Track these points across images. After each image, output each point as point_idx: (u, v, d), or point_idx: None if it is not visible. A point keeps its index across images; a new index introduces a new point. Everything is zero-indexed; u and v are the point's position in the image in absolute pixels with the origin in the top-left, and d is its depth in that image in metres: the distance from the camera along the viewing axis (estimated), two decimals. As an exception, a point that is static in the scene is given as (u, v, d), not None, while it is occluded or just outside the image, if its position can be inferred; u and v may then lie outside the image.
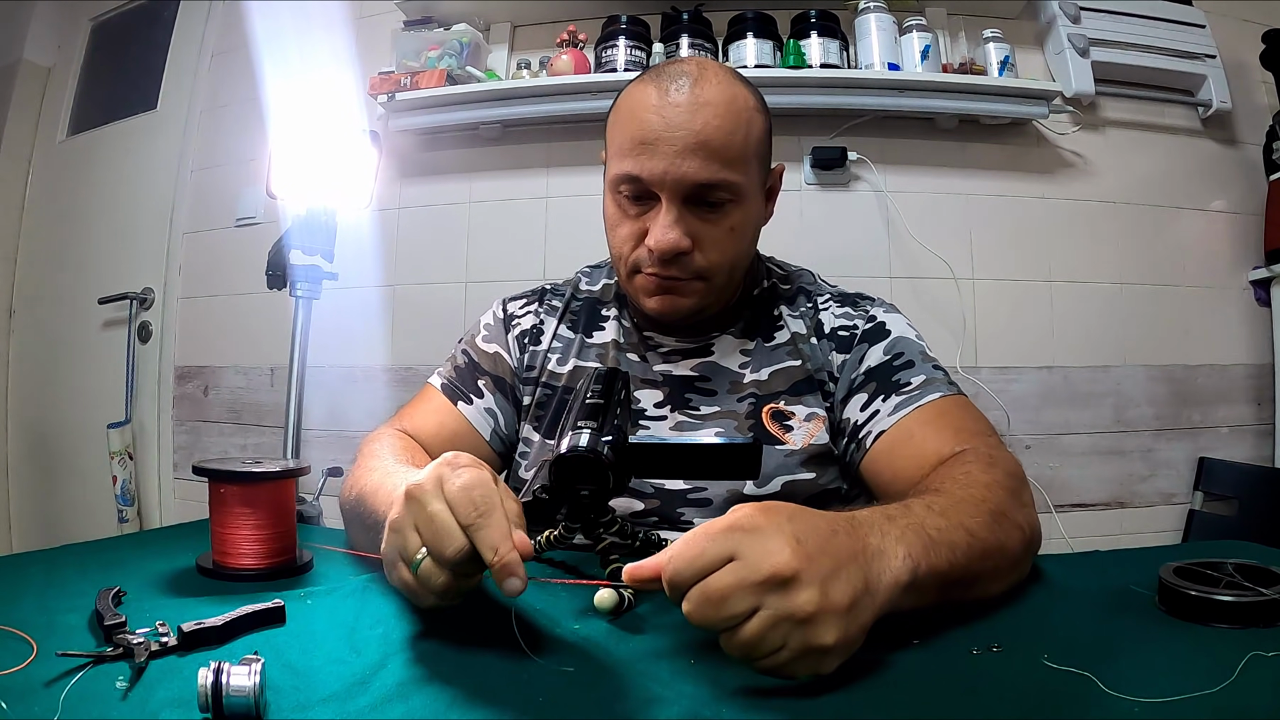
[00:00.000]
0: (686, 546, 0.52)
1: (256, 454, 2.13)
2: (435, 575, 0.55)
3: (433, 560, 0.55)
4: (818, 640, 0.50)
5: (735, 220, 0.91)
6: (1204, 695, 0.48)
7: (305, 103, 2.00)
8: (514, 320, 1.09)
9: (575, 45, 1.93)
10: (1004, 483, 0.74)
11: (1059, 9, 1.91)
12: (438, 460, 0.59)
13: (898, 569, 0.57)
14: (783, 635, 0.50)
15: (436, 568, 0.55)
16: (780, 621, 0.50)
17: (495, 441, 1.04)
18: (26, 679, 0.50)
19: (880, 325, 0.99)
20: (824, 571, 0.51)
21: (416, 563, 0.55)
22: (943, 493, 0.70)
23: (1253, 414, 1.97)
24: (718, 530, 0.52)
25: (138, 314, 2.32)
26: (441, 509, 0.55)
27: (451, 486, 0.56)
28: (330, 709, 0.48)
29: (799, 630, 0.50)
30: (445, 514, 0.55)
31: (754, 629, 0.50)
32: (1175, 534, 1.92)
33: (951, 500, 0.68)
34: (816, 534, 0.53)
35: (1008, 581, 0.70)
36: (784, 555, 0.50)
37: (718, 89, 0.89)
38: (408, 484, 0.58)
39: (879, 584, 0.55)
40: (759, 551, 0.50)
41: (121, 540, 1.08)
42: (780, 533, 0.52)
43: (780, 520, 0.53)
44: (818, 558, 0.51)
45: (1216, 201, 2.01)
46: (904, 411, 0.90)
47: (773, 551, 0.50)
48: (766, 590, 0.50)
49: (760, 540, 0.51)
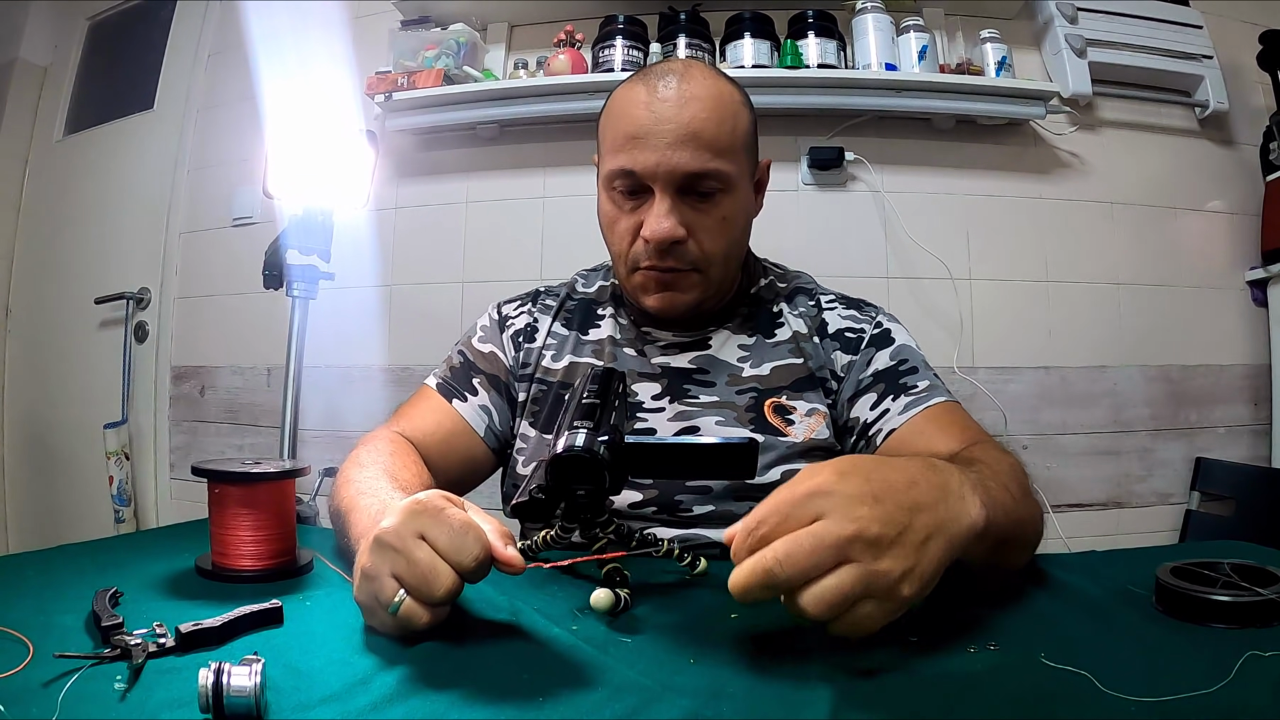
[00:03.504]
0: (772, 509, 0.54)
1: (253, 454, 2.12)
2: (419, 615, 0.56)
3: (416, 602, 0.56)
4: (899, 593, 0.52)
5: (727, 210, 0.94)
6: (1201, 695, 0.48)
7: (302, 102, 2.00)
8: (508, 321, 1.11)
9: (572, 45, 1.93)
10: (1020, 470, 0.79)
11: (1056, 9, 1.91)
12: (404, 506, 0.58)
13: (975, 515, 0.59)
14: (864, 590, 0.52)
15: (420, 608, 0.56)
16: (863, 578, 0.51)
17: (490, 438, 1.05)
18: (24, 680, 0.50)
19: (886, 332, 1.03)
20: (905, 527, 0.53)
21: (395, 605, 0.56)
22: (980, 462, 0.74)
23: (1249, 414, 1.97)
24: (801, 494, 0.54)
25: (134, 314, 2.32)
26: (425, 555, 0.56)
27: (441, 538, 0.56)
28: (330, 709, 0.48)
29: (882, 584, 0.52)
30: (430, 558, 0.55)
31: (837, 586, 0.51)
32: (1172, 534, 1.92)
33: (990, 470, 0.71)
34: (894, 490, 0.55)
35: (1027, 555, 0.75)
36: (864, 513, 0.52)
37: (704, 84, 0.93)
38: (378, 530, 0.58)
39: (958, 528, 0.57)
40: (842, 512, 0.52)
41: (119, 541, 1.08)
42: (859, 492, 0.54)
43: (859, 481, 0.55)
44: (897, 514, 0.53)
45: (1213, 202, 2.02)
46: (914, 411, 0.94)
47: (854, 513, 0.52)
48: (849, 550, 0.51)
49: (841, 501, 0.53)
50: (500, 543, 0.57)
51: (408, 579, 0.56)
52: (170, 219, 2.32)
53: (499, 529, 0.58)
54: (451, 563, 0.55)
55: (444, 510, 0.57)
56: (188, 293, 2.29)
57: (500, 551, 0.57)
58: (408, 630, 0.57)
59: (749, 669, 0.54)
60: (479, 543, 0.56)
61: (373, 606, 0.58)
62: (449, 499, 0.60)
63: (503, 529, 0.59)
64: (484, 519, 0.59)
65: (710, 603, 0.70)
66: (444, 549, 0.56)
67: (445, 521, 0.57)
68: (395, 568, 0.56)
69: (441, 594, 0.55)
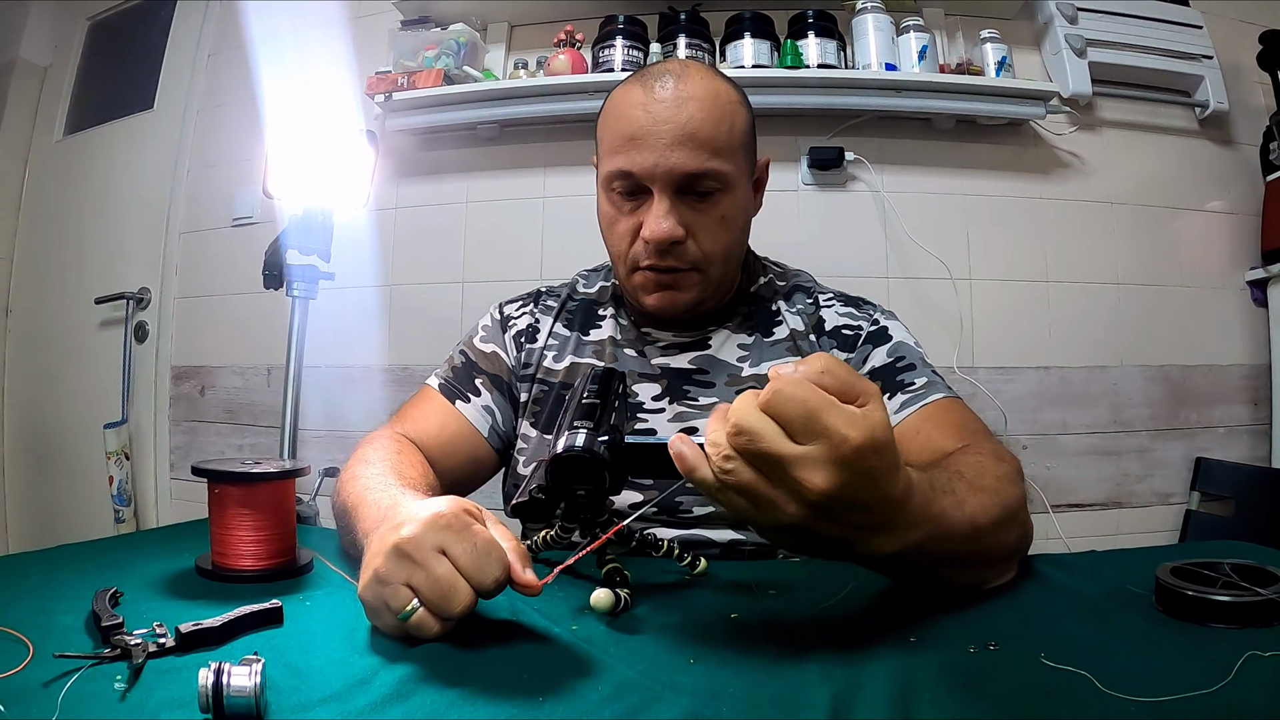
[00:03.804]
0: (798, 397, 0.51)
1: (253, 454, 2.12)
2: (430, 626, 0.56)
3: (429, 614, 0.56)
4: (807, 495, 0.50)
5: (726, 209, 0.94)
6: (1201, 695, 0.48)
7: (302, 102, 2.00)
8: (510, 321, 1.11)
9: (572, 45, 1.93)
10: (1013, 478, 0.76)
11: (1056, 9, 1.91)
12: (426, 517, 0.57)
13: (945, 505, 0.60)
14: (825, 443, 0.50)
15: (432, 620, 0.56)
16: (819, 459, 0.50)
17: (493, 439, 1.05)
18: (24, 680, 0.50)
19: (883, 330, 1.02)
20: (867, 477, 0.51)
21: (407, 614, 0.56)
22: (962, 477, 0.71)
23: (1249, 414, 1.97)
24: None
25: (134, 314, 2.32)
26: (446, 571, 0.55)
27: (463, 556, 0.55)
28: (330, 709, 0.48)
29: (845, 453, 0.50)
30: (451, 575, 0.55)
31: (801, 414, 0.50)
32: (1172, 534, 1.92)
33: (967, 485, 0.69)
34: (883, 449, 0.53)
35: (996, 578, 0.71)
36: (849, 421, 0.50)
37: (701, 84, 0.93)
38: (397, 538, 0.56)
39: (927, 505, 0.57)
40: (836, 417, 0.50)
41: (119, 541, 1.08)
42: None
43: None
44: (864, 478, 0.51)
45: (1213, 202, 2.02)
46: (910, 409, 0.93)
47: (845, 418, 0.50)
48: (832, 412, 0.50)
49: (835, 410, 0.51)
50: (519, 564, 0.57)
51: (425, 592, 0.55)
52: (170, 219, 2.32)
53: (517, 548, 0.57)
54: (472, 581, 0.55)
55: (470, 528, 0.57)
56: (188, 293, 2.29)
57: (519, 575, 0.56)
58: (417, 637, 0.57)
59: (749, 669, 0.54)
60: (500, 564, 0.56)
61: (379, 609, 0.58)
62: (471, 513, 0.59)
63: (520, 548, 0.58)
64: (504, 536, 0.58)
65: (710, 603, 0.70)
66: (465, 567, 0.55)
67: (469, 539, 0.56)
68: (413, 579, 0.56)
69: (458, 610, 0.55)
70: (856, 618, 0.66)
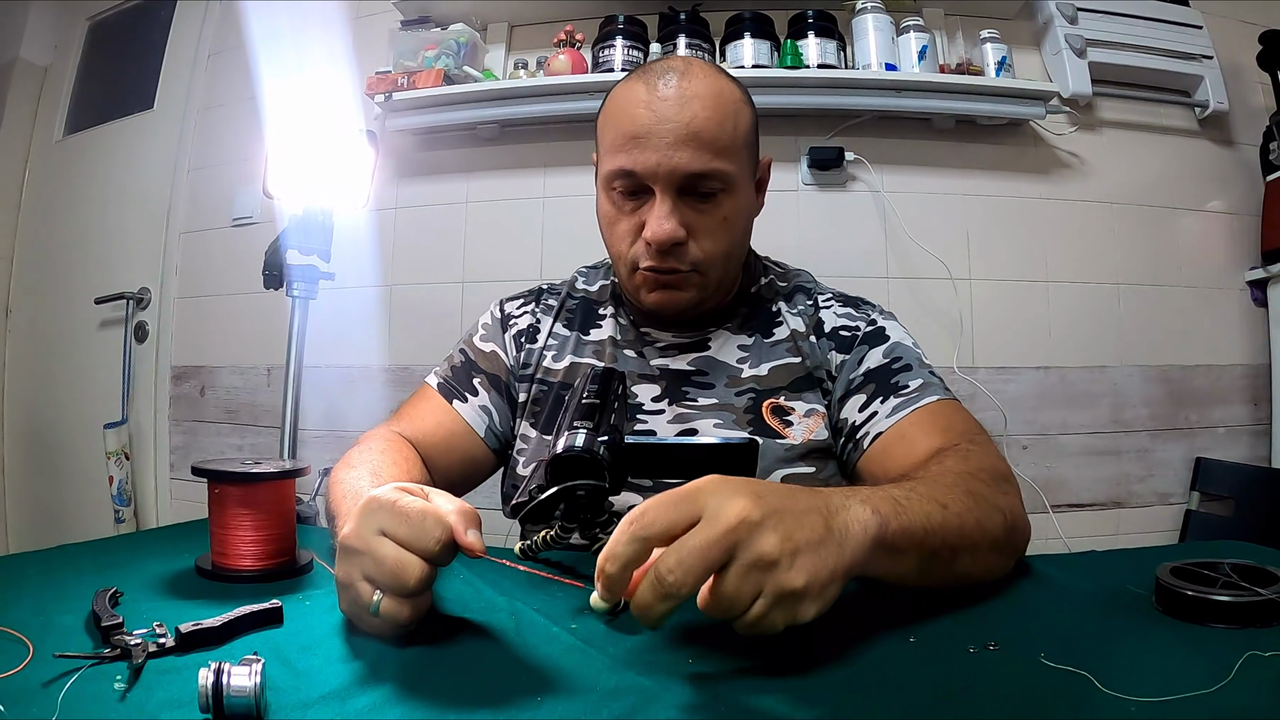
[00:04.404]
0: (655, 512, 0.52)
1: (253, 454, 2.12)
2: (399, 610, 0.56)
3: (393, 597, 0.56)
4: (789, 583, 0.51)
5: (728, 210, 0.93)
6: (1201, 695, 0.48)
7: (302, 102, 2.00)
8: (511, 320, 1.10)
9: (572, 45, 1.93)
10: (978, 474, 0.75)
11: (1056, 10, 1.91)
12: (360, 506, 0.58)
13: (866, 519, 0.58)
14: (755, 583, 0.51)
15: (398, 602, 0.56)
16: (751, 569, 0.50)
17: (490, 439, 1.05)
18: (24, 680, 0.50)
19: (880, 330, 1.01)
20: (786, 516, 0.52)
21: (375, 605, 0.56)
22: (913, 478, 0.72)
23: (1249, 414, 1.97)
24: (679, 495, 0.52)
25: (134, 314, 2.32)
26: (390, 550, 0.55)
27: (400, 529, 0.56)
28: (330, 708, 0.48)
29: (770, 575, 0.51)
30: (395, 552, 0.55)
31: (728, 581, 0.50)
32: (1172, 534, 1.92)
33: (922, 481, 0.69)
34: (775, 491, 0.54)
35: (990, 565, 0.71)
36: (744, 503, 0.51)
37: (704, 82, 0.91)
38: (341, 536, 0.58)
39: (846, 533, 0.56)
40: (721, 506, 0.51)
41: (119, 541, 1.08)
42: (739, 488, 0.53)
43: (737, 481, 0.54)
44: (779, 507, 0.52)
45: (1213, 202, 2.02)
46: (902, 414, 0.92)
47: (735, 503, 0.51)
48: (735, 539, 0.50)
49: (721, 497, 0.52)
50: (461, 525, 0.56)
51: (379, 577, 0.55)
52: (170, 219, 2.32)
53: (461, 509, 0.57)
54: (416, 551, 0.55)
55: (398, 502, 0.57)
56: (188, 293, 2.29)
57: (462, 538, 0.56)
58: (396, 628, 0.57)
59: (748, 669, 0.54)
60: (440, 525, 0.55)
61: (357, 613, 0.58)
62: (404, 489, 0.59)
63: (466, 509, 0.57)
64: (447, 500, 0.58)
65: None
66: (405, 539, 0.55)
67: (401, 512, 0.56)
68: (365, 569, 0.56)
69: (414, 584, 0.55)
70: (856, 618, 0.66)
